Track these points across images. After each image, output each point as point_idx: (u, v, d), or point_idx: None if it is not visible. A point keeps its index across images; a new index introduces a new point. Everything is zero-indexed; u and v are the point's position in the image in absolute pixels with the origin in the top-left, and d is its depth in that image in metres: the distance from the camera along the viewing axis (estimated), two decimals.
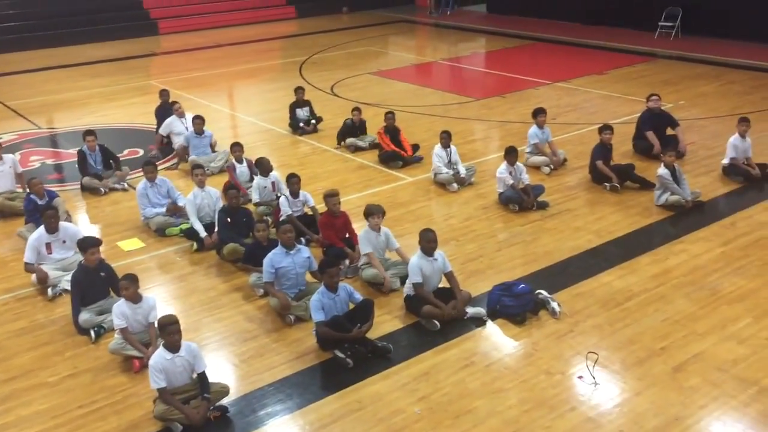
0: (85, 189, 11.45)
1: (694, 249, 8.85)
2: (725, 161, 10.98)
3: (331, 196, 8.80)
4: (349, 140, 13.03)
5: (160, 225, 9.78)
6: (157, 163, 10.96)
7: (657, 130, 11.99)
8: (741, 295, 7.77)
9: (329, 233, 8.84)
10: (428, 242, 7.49)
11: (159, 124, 13.59)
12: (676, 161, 10.19)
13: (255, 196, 10.21)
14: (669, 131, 12.13)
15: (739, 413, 6.00)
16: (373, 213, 8.29)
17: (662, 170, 9.92)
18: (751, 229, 9.32)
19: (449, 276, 7.65)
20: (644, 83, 16.91)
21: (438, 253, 7.60)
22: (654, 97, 12.14)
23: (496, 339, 7.22)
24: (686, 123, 13.03)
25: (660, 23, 22.12)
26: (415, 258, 7.54)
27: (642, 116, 12.22)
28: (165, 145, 13.24)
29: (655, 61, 19.54)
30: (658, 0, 22.39)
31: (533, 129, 11.75)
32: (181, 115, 13.16)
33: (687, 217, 9.78)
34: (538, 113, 11.73)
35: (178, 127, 13.05)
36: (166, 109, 13.66)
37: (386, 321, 7.55)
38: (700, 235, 9.22)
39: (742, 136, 10.90)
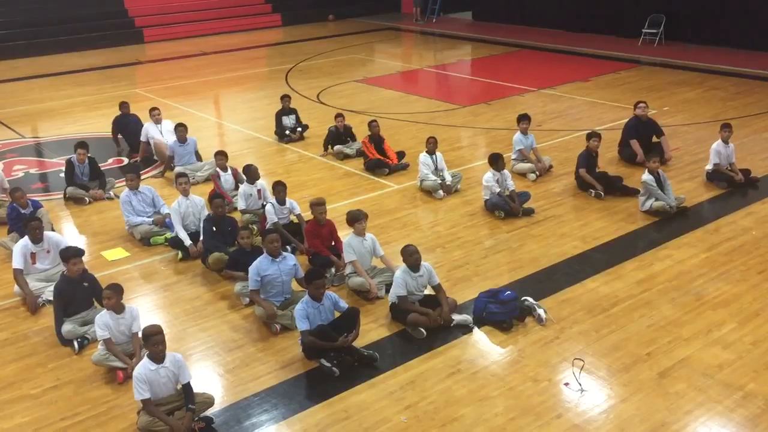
0: (69, 198, 11.36)
1: (678, 254, 8.90)
2: (709, 167, 11.06)
3: (317, 205, 8.79)
4: (337, 147, 13.02)
5: (145, 234, 9.72)
6: (140, 172, 10.88)
7: (642, 138, 12.04)
8: (725, 300, 7.81)
9: (315, 242, 8.82)
10: (410, 255, 7.46)
11: (115, 134, 13.97)
12: (660, 167, 10.24)
13: (240, 204, 10.17)
14: (655, 139, 12.19)
15: (725, 418, 6.02)
16: (359, 218, 8.26)
17: (646, 176, 9.97)
18: (735, 234, 9.38)
19: (436, 289, 7.62)
20: (629, 90, 17.04)
21: (424, 266, 7.57)
22: (641, 105, 12.18)
23: (483, 346, 7.21)
24: (670, 129, 13.12)
25: (644, 30, 22.31)
26: (400, 272, 7.52)
27: (628, 124, 12.26)
28: (149, 155, 13.18)
29: (639, 68, 19.68)
30: (641, 7, 22.59)
31: (517, 135, 11.79)
32: (158, 122, 13.14)
33: (671, 222, 9.83)
34: (522, 120, 11.77)
35: (152, 132, 13.07)
36: (125, 120, 13.85)
37: (372, 329, 7.52)
38: (685, 241, 9.27)
39: (725, 142, 10.98)
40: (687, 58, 20.06)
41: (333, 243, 8.92)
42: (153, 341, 6.03)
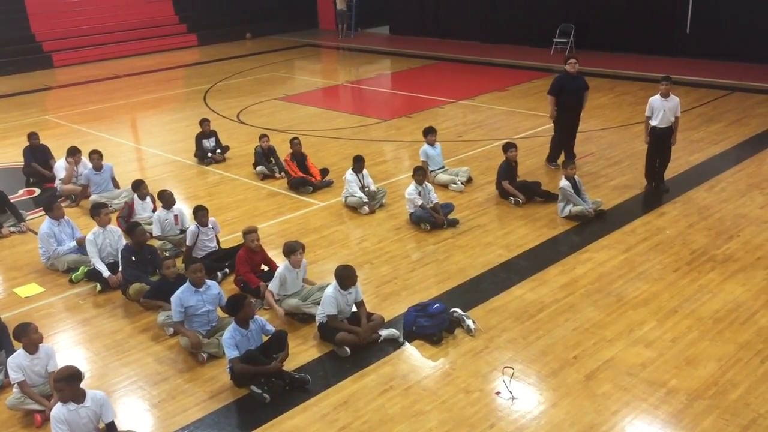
0: None
1: (598, 257, 9.14)
2: (648, 114, 11.12)
3: (249, 233, 8.55)
4: (259, 168, 12.85)
5: (75, 262, 9.34)
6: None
7: (577, 92, 12.07)
8: (645, 299, 8.06)
9: (245, 268, 8.59)
10: (349, 277, 7.39)
11: (27, 163, 13.28)
12: (576, 173, 10.53)
13: (156, 230, 9.88)
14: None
15: (651, 416, 6.19)
16: (295, 250, 8.03)
17: (564, 182, 10.23)
18: (650, 234, 9.71)
19: (359, 305, 7.61)
20: (543, 98, 17.33)
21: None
22: (572, 61, 12.07)
23: (414, 361, 7.20)
24: (584, 135, 13.51)
25: (555, 39, 23.01)
26: (331, 290, 7.43)
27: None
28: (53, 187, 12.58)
29: (552, 76, 20.13)
30: (551, 17, 23.31)
31: (424, 147, 11.95)
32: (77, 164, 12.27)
33: (590, 226, 10.09)
34: (429, 132, 11.96)
35: (63, 173, 12.19)
36: (33, 149, 13.31)
37: (302, 351, 7.41)
38: (604, 243, 9.53)
39: (664, 96, 10.97)
40: (596, 65, 20.72)
41: (267, 268, 8.75)
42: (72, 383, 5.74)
